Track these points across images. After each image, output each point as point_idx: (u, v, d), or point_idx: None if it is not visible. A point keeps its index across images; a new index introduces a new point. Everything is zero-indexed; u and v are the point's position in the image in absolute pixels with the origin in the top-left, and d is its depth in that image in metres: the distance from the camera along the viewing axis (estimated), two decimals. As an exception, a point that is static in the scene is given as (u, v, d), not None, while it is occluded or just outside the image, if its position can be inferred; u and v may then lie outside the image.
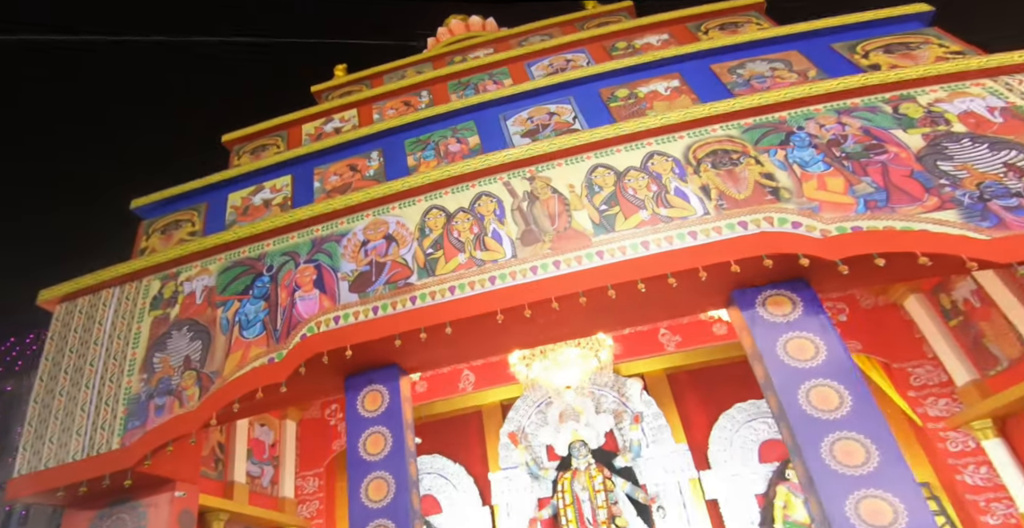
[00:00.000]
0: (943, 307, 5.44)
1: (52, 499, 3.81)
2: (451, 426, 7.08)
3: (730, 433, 6.30)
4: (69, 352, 4.41)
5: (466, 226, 3.98)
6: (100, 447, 3.77)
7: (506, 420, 6.74)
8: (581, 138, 4.00)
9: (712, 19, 5.64)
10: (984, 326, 4.99)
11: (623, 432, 6.41)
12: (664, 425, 6.37)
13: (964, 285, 5.05)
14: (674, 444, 6.26)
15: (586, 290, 3.31)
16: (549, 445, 6.51)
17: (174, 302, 4.44)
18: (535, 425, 6.69)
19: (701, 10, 5.77)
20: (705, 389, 6.68)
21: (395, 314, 3.70)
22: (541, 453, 6.53)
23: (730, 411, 6.36)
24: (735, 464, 6.12)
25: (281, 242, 4.50)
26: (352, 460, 3.64)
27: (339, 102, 6.57)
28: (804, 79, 4.15)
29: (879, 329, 5.60)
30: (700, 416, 6.55)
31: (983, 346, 5.05)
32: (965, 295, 5.12)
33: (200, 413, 3.65)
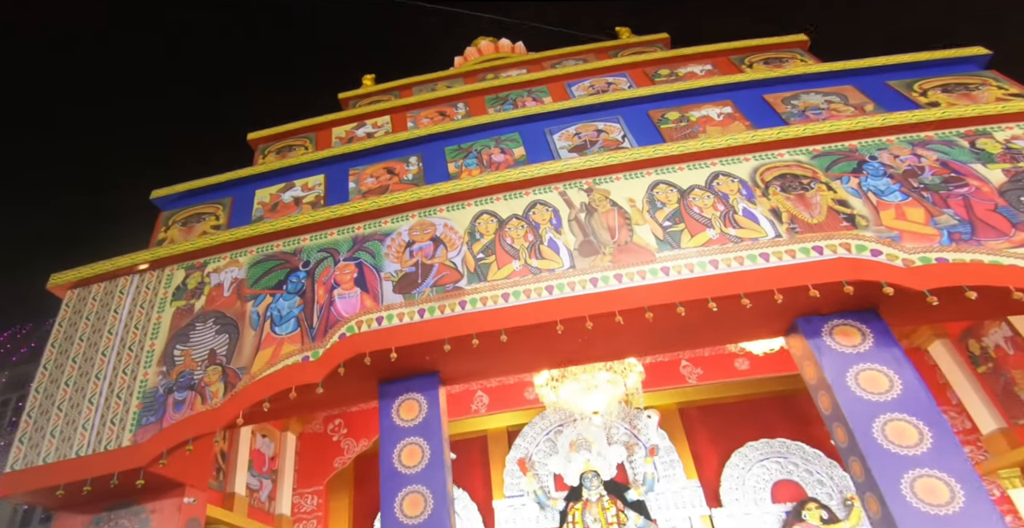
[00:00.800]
0: (971, 353, 5.37)
1: (48, 499, 3.42)
2: (455, 449, 6.77)
3: (742, 472, 6.11)
4: (79, 340, 4.08)
5: (520, 233, 3.82)
6: (109, 443, 3.43)
7: (513, 447, 6.46)
8: (642, 153, 3.91)
9: (756, 54, 5.70)
10: (1016, 374, 4.92)
11: (634, 465, 6.17)
12: (676, 460, 6.16)
13: (998, 331, 5.00)
14: (685, 480, 6.04)
15: (651, 306, 3.15)
16: (558, 474, 6.23)
17: (200, 293, 4.16)
18: (543, 453, 6.42)
19: (745, 44, 5.84)
20: (716, 426, 6.51)
21: (443, 318, 3.48)
22: (548, 482, 6.24)
23: (742, 449, 6.19)
24: (747, 503, 5.91)
25: (319, 238, 4.28)
26: (386, 472, 3.36)
27: (372, 108, 6.49)
28: (861, 112, 4.14)
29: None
30: (711, 453, 6.36)
31: (1014, 394, 4.97)
32: (998, 341, 5.06)
33: (225, 410, 3.35)
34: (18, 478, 3.37)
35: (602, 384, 4.77)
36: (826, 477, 5.90)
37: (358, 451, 6.25)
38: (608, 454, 6.14)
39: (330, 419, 6.62)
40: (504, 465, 6.38)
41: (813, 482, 5.91)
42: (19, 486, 3.33)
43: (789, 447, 6.13)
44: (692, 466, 6.16)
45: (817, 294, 2.94)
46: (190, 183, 5.61)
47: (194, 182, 5.62)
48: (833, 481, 5.85)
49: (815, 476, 5.94)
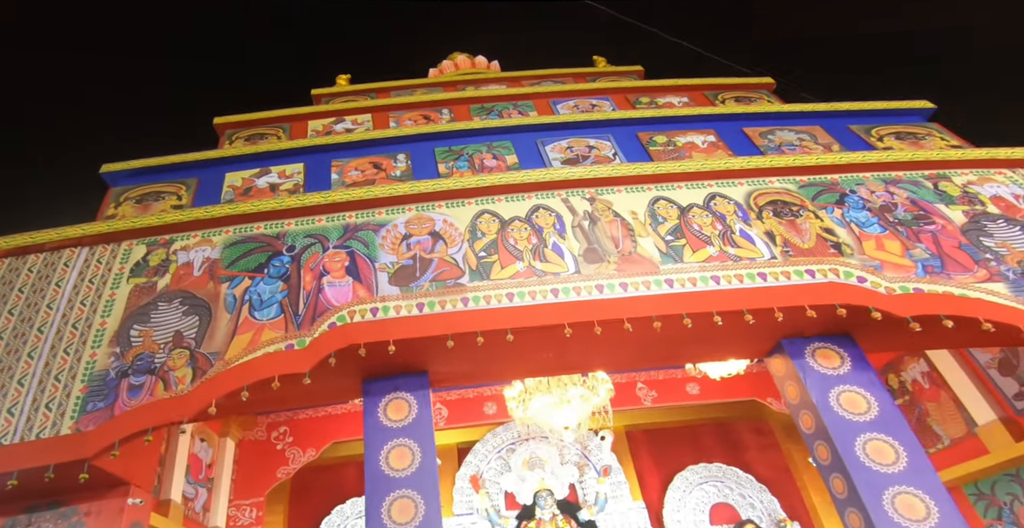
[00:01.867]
0: (890, 386, 5.83)
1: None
2: None
3: (683, 494, 6.23)
4: (8, 314, 3.47)
5: (523, 235, 3.74)
6: (43, 431, 2.89)
7: (463, 464, 6.22)
8: (645, 169, 3.99)
9: (727, 91, 6.08)
10: (930, 406, 5.38)
11: (584, 485, 6.12)
12: (623, 481, 6.18)
13: (916, 366, 5.46)
14: (631, 501, 6.06)
15: (659, 316, 3.16)
16: (509, 492, 6.04)
17: (164, 271, 3.70)
18: (494, 471, 6.23)
19: (718, 81, 6.23)
20: (658, 449, 6.65)
21: (445, 313, 3.30)
22: (499, 500, 6.02)
23: (684, 473, 6.33)
24: (687, 524, 6.01)
25: (306, 223, 3.97)
26: (372, 475, 3.06)
27: (352, 105, 6.29)
28: (829, 151, 4.50)
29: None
30: (653, 476, 6.46)
31: (927, 425, 5.42)
32: (915, 376, 5.53)
33: (195, 398, 2.94)
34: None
35: (575, 399, 4.70)
36: (757, 501, 6.13)
37: (304, 461, 5.76)
38: (561, 473, 6.06)
39: (274, 426, 6.07)
40: (453, 482, 6.10)
41: (746, 505, 6.12)
42: (-85, 478, 2.72)
43: (725, 472, 6.34)
44: (637, 488, 6.21)
45: (815, 315, 3.08)
46: (148, 160, 5.11)
47: (153, 159, 5.12)
48: (763, 505, 6.09)
49: (747, 499, 6.16)
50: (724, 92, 6.12)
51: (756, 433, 6.71)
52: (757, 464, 6.45)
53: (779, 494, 6.09)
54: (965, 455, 4.67)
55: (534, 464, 6.13)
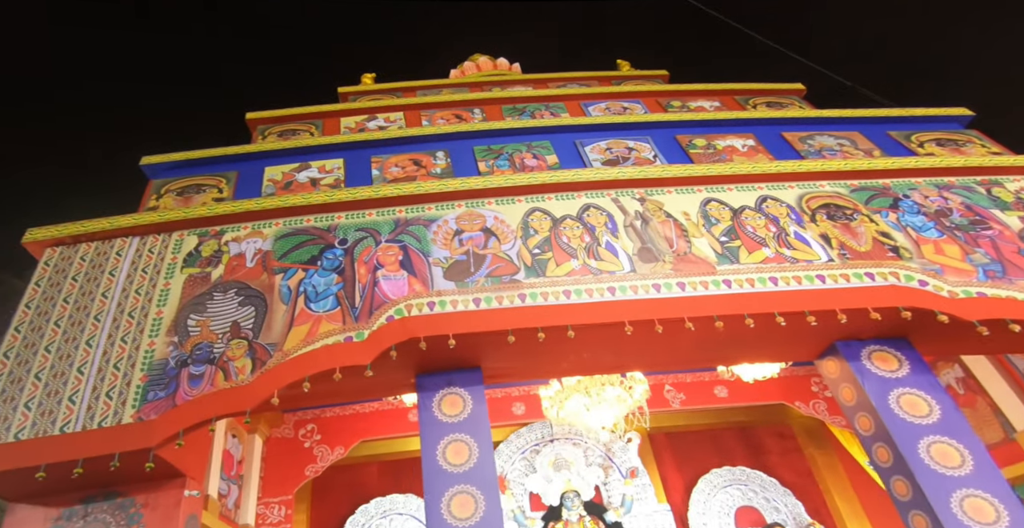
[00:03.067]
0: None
1: (10, 484, 2.74)
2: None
3: (708, 497, 6.15)
4: (63, 302, 3.41)
5: (576, 233, 3.69)
6: (105, 419, 2.82)
7: None
8: (696, 170, 3.94)
9: (759, 96, 6.04)
10: (965, 412, 5.33)
11: (609, 487, 6.04)
12: (648, 484, 6.09)
13: (950, 372, 5.40)
14: (656, 504, 5.98)
15: (720, 316, 3.11)
16: (534, 493, 5.95)
17: (216, 262, 3.64)
18: (519, 472, 6.14)
19: (747, 86, 6.19)
20: (681, 452, 6.57)
21: (502, 309, 3.24)
22: (524, 502, 5.94)
23: (708, 476, 6.24)
24: (713, 527, 5.94)
25: (356, 217, 3.91)
26: (429, 469, 2.99)
27: (383, 102, 6.27)
28: (870, 156, 4.46)
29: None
30: (676, 479, 6.37)
31: (960, 431, 5.36)
32: (949, 381, 5.47)
33: (257, 388, 2.87)
34: (-24, 455, 2.69)
35: (611, 400, 4.64)
36: (781, 505, 6.05)
37: (333, 459, 5.64)
38: (587, 475, 5.98)
39: (302, 423, 5.96)
40: None
41: (771, 509, 6.03)
42: (-25, 465, 2.65)
43: (749, 475, 6.26)
44: (662, 490, 6.14)
45: (879, 317, 3.03)
46: (187, 153, 5.07)
47: (192, 152, 5.08)
48: (788, 508, 6.00)
49: (772, 503, 6.07)
50: (755, 97, 6.09)
51: (779, 437, 6.63)
52: (780, 468, 6.37)
53: (803, 498, 6.01)
54: (1003, 461, 4.60)
55: (560, 465, 6.05)
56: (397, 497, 5.97)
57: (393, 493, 6.00)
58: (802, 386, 5.94)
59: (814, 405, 5.82)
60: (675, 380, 6.14)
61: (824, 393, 5.85)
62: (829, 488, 6.03)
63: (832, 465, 6.15)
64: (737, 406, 6.44)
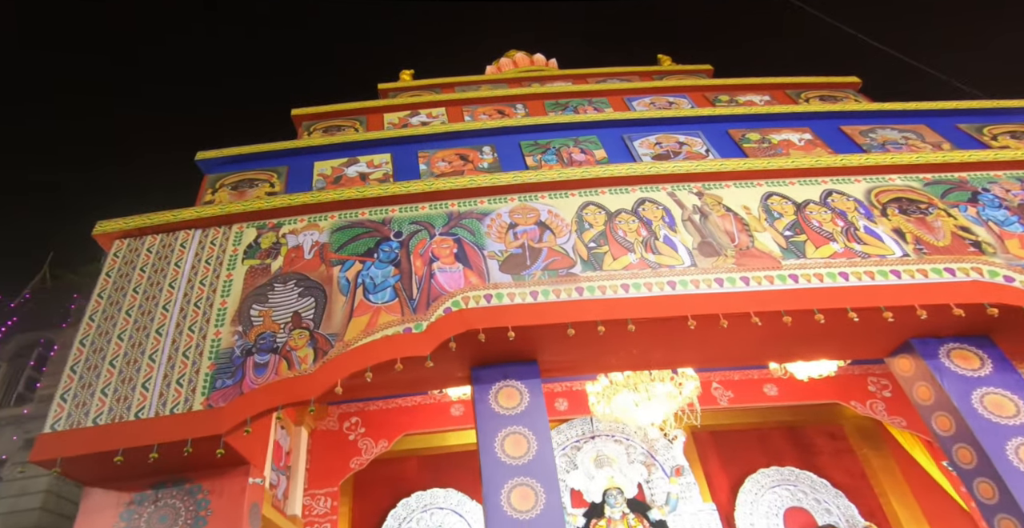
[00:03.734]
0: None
1: (88, 468, 2.79)
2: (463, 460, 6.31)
3: (755, 497, 5.95)
4: (133, 292, 3.49)
5: (632, 227, 3.59)
6: (176, 406, 2.88)
7: None
8: (756, 164, 3.80)
9: (811, 90, 5.81)
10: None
11: (651, 485, 5.92)
12: (693, 483, 5.93)
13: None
14: (702, 503, 5.83)
15: (788, 311, 2.98)
16: (575, 490, 5.86)
17: (275, 254, 3.68)
18: (560, 468, 6.04)
19: (799, 80, 5.96)
20: (726, 451, 6.38)
21: (560, 302, 3.18)
22: (566, 498, 5.86)
23: (755, 476, 6.04)
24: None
25: (410, 210, 3.91)
26: (488, 462, 2.96)
27: (425, 98, 6.26)
28: (939, 149, 4.22)
29: (920, 408, 5.55)
30: (721, 478, 6.19)
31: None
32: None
33: (320, 378, 2.88)
34: (61, 440, 2.74)
35: (660, 396, 4.52)
36: (833, 506, 5.81)
37: (377, 452, 5.63)
38: (629, 472, 5.86)
39: (346, 416, 6.00)
40: None
41: (821, 510, 5.80)
42: (61, 449, 2.69)
43: (798, 476, 6.03)
44: (707, 489, 5.98)
45: (963, 314, 2.85)
46: (240, 148, 5.15)
47: (244, 147, 5.17)
48: (840, 510, 5.76)
49: (823, 505, 5.84)
50: (807, 91, 5.86)
51: (829, 437, 6.38)
52: (831, 469, 6.12)
53: (856, 500, 5.76)
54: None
55: (602, 462, 5.95)
56: (438, 491, 5.92)
57: (433, 487, 5.95)
58: (858, 385, 5.70)
59: (871, 405, 5.57)
60: (723, 377, 5.96)
61: (883, 392, 5.59)
62: (885, 491, 5.77)
63: (888, 467, 5.88)
64: (785, 405, 6.23)
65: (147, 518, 2.85)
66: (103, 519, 2.85)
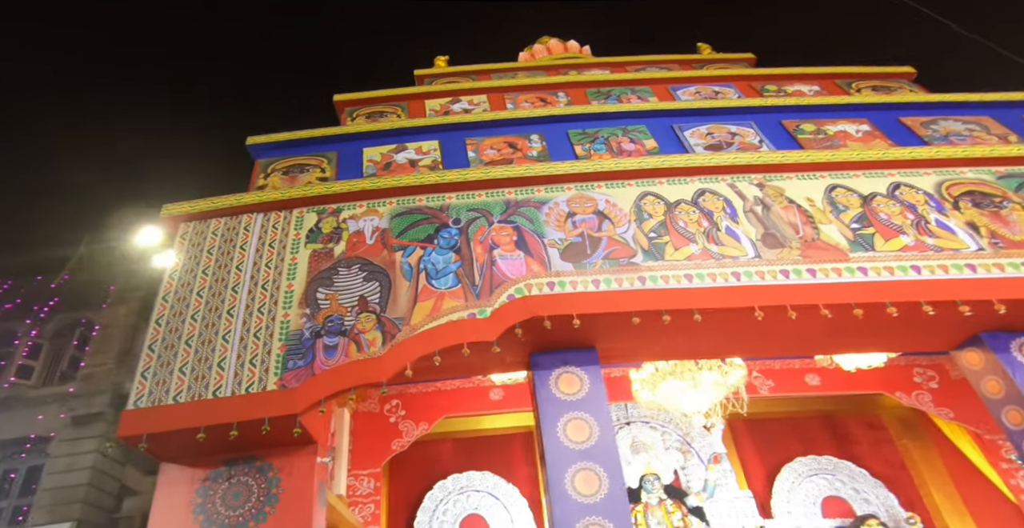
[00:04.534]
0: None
1: (168, 444, 2.86)
2: (497, 444, 6.35)
3: (792, 485, 5.90)
4: (202, 274, 3.55)
5: (692, 218, 3.53)
6: (251, 386, 2.93)
7: None
8: (819, 156, 3.68)
9: (863, 80, 5.61)
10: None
11: (687, 472, 5.91)
12: (730, 470, 5.91)
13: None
14: (738, 490, 5.81)
15: (858, 303, 2.91)
16: (611, 475, 5.89)
17: (337, 238, 3.71)
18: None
19: (850, 69, 5.76)
20: (762, 439, 6.33)
21: (623, 291, 3.15)
22: (600, 484, 5.87)
23: (792, 464, 5.98)
24: (798, 516, 5.71)
25: (467, 197, 3.89)
26: (551, 446, 2.97)
27: (466, 85, 6.19)
28: (1005, 142, 4.06)
29: (967, 400, 5.41)
30: (757, 466, 6.15)
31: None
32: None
33: (390, 360, 2.91)
34: (145, 416, 2.81)
35: (707, 384, 4.49)
36: (872, 497, 5.73)
37: (418, 435, 5.67)
38: (665, 458, 5.86)
39: (386, 399, 6.04)
40: None
41: (860, 500, 5.72)
42: (145, 425, 2.76)
43: (836, 465, 5.95)
44: (743, 477, 5.96)
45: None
46: (290, 134, 5.16)
47: (294, 133, 5.17)
48: (879, 500, 5.68)
49: (861, 494, 5.76)
50: (859, 81, 5.66)
51: (868, 427, 6.27)
52: (869, 458, 6.02)
53: (896, 490, 5.66)
54: None
55: (638, 448, 5.94)
56: (474, 474, 5.89)
57: (469, 470, 5.96)
58: (903, 376, 5.57)
59: (917, 396, 5.45)
60: (763, 367, 5.88)
61: (929, 384, 5.46)
62: (926, 481, 5.67)
63: (930, 458, 5.77)
64: (823, 395, 6.13)
65: (222, 494, 2.91)
66: (180, 494, 2.92)
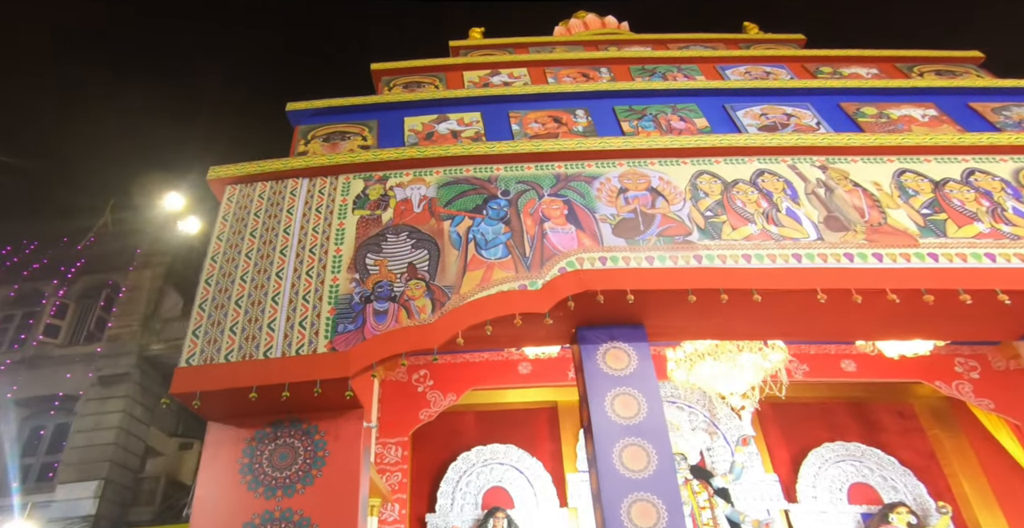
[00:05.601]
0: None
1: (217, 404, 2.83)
2: (520, 418, 6.31)
3: (818, 470, 5.79)
4: (250, 236, 3.47)
5: (751, 198, 3.36)
6: (301, 347, 2.87)
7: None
8: (888, 140, 3.47)
9: (926, 64, 5.30)
10: None
11: (712, 453, 5.82)
12: (756, 453, 5.82)
13: None
14: (764, 473, 5.73)
15: (930, 289, 2.75)
16: (636, 453, 5.82)
17: (385, 205, 3.60)
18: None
19: (913, 53, 5.43)
20: (788, 424, 6.21)
21: (678, 268, 3.01)
22: (626, 462, 5.81)
23: (819, 449, 5.86)
24: (823, 502, 5.61)
25: (515, 169, 3.75)
26: (599, 420, 2.88)
27: (507, 58, 5.99)
28: (1085, 132, 3.80)
29: (1010, 391, 5.23)
30: (782, 450, 6.04)
31: None
32: None
33: (441, 328, 2.82)
34: (198, 374, 2.77)
35: (746, 366, 4.36)
36: (900, 484, 5.59)
37: (446, 405, 5.59)
38: (692, 439, 5.77)
39: (414, 369, 5.99)
40: (576, 439, 5.89)
41: (887, 488, 5.57)
42: (198, 383, 2.72)
43: (864, 452, 5.79)
44: (768, 460, 5.87)
45: None
46: (330, 101, 5.02)
47: (334, 100, 5.03)
48: (907, 489, 5.54)
49: (889, 482, 5.61)
50: (922, 65, 5.34)
51: (898, 416, 6.10)
52: (898, 447, 5.85)
53: (925, 479, 5.51)
54: None
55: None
56: (498, 447, 5.84)
57: (493, 443, 5.90)
58: (944, 366, 5.37)
59: (957, 386, 5.26)
60: (797, 351, 5.70)
61: (970, 374, 5.26)
62: (956, 471, 5.52)
63: (960, 448, 5.61)
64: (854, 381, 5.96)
65: (268, 455, 2.87)
66: (228, 453, 2.89)
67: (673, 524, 2.53)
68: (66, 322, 11.57)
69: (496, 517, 5.19)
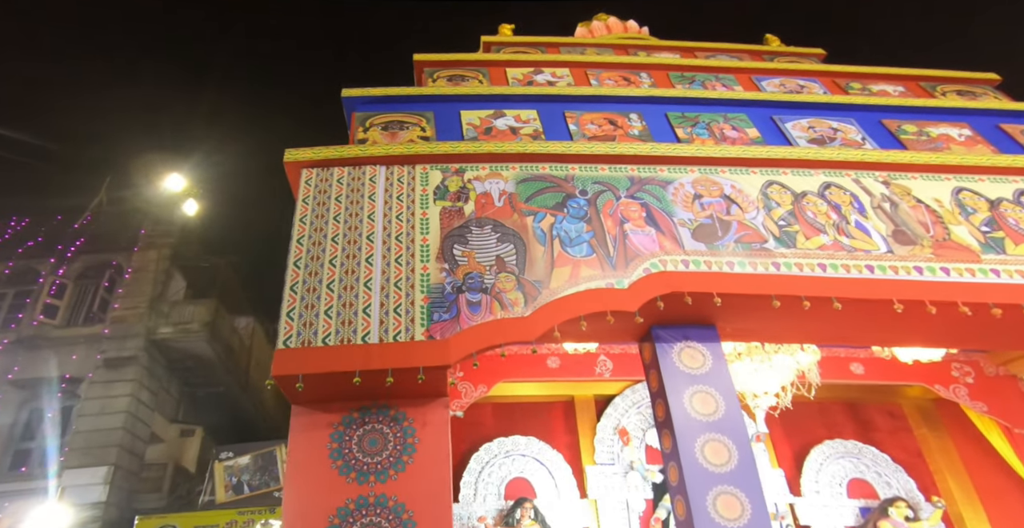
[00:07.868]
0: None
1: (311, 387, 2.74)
2: (542, 411, 6.30)
3: (820, 466, 5.96)
4: (334, 221, 3.36)
5: (821, 209, 3.39)
6: (398, 334, 2.80)
7: (604, 415, 5.85)
8: (948, 159, 3.52)
9: (947, 84, 5.41)
10: None
11: (725, 448, 5.92)
12: (763, 449, 5.97)
13: None
14: (771, 468, 5.87)
15: (998, 303, 2.83)
16: (651, 446, 5.86)
17: (465, 198, 3.52)
18: (634, 425, 6.01)
19: (935, 73, 5.53)
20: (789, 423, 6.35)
21: (758, 274, 3.02)
22: (641, 454, 5.84)
23: (820, 446, 6.02)
24: (825, 496, 5.78)
25: (589, 170, 3.70)
26: (679, 417, 2.88)
27: (548, 58, 5.92)
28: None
29: (1000, 396, 5.45)
30: (785, 447, 6.21)
31: None
32: None
33: (537, 321, 2.78)
34: (297, 356, 2.66)
35: (779, 365, 4.44)
36: (893, 480, 5.78)
37: (476, 397, 5.50)
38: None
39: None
40: (593, 432, 5.83)
41: (882, 483, 5.75)
42: (300, 366, 2.62)
43: (861, 449, 5.95)
44: (774, 456, 6.01)
45: None
46: (387, 89, 4.87)
47: (390, 89, 4.89)
48: (899, 484, 5.74)
49: (883, 478, 5.79)
50: (943, 84, 5.45)
51: (888, 415, 6.31)
52: (888, 445, 6.05)
53: (913, 476, 5.74)
54: None
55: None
56: (519, 439, 5.74)
57: (514, 434, 5.81)
58: (942, 371, 5.57)
59: (954, 389, 5.47)
60: (808, 355, 5.86)
61: (965, 379, 5.47)
62: (941, 469, 5.74)
63: (945, 447, 5.84)
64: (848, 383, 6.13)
65: (357, 440, 2.78)
66: (316, 437, 2.78)
67: (757, 517, 2.57)
68: (64, 302, 10.79)
69: (524, 507, 5.12)
